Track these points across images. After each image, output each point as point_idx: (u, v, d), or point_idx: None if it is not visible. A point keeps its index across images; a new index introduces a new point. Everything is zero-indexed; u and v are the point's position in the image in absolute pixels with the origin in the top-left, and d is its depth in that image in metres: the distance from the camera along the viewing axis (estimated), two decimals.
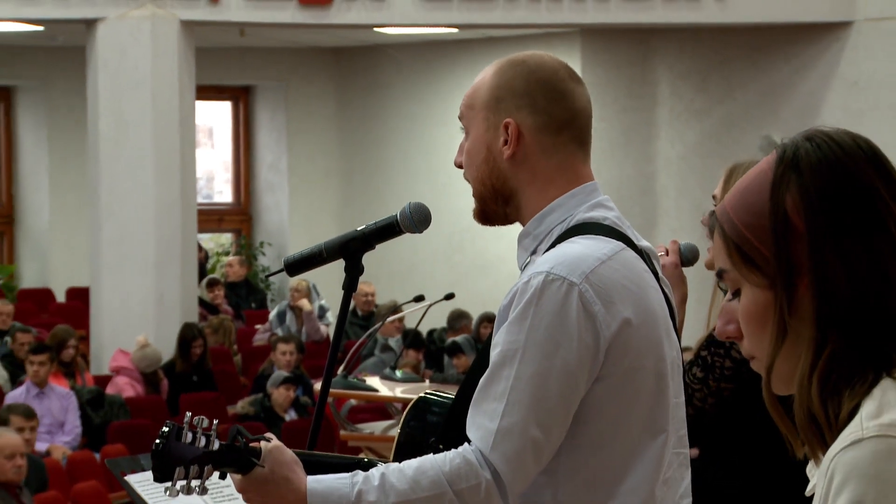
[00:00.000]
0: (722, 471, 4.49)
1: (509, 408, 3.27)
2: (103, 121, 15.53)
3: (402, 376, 10.97)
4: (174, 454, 3.31)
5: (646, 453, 3.39)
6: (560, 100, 3.47)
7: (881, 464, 2.12)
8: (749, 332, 2.30)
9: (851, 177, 2.23)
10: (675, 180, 17.97)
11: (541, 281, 3.29)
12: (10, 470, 9.55)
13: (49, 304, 19.31)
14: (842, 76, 16.75)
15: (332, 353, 3.71)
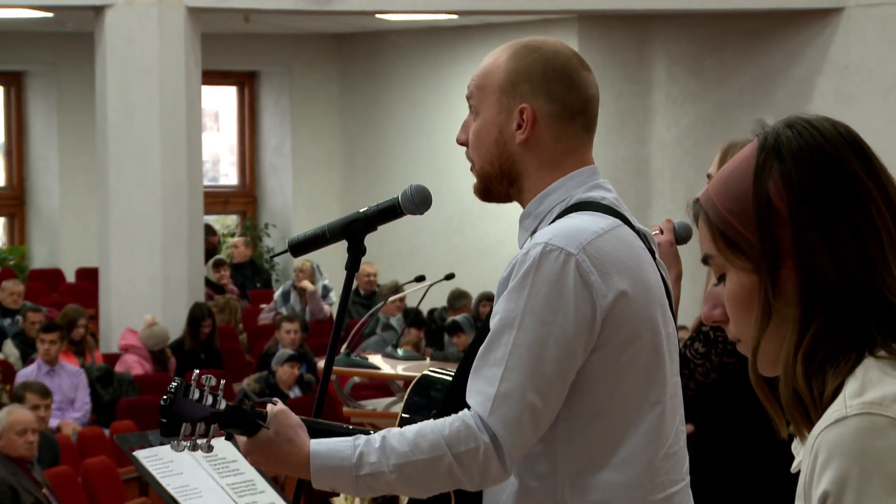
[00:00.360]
0: (724, 447, 4.49)
1: (507, 373, 3.27)
2: (111, 105, 15.53)
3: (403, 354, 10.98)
4: (181, 411, 3.32)
5: (641, 424, 3.39)
6: (575, 89, 3.48)
7: (864, 441, 2.12)
8: (735, 315, 2.31)
9: (832, 162, 2.24)
10: (669, 163, 17.98)
11: (539, 251, 3.30)
12: (22, 446, 9.57)
13: (59, 284, 19.32)
14: (833, 61, 16.74)
15: (335, 332, 3.72)
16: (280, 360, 14.46)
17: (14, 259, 19.83)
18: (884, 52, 16.37)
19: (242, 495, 4.89)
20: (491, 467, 3.27)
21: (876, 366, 2.18)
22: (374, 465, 3.28)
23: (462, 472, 3.28)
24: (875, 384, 2.16)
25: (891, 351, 2.19)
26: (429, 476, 3.30)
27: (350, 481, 3.31)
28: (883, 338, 2.19)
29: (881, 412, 2.13)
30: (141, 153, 15.47)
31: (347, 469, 3.29)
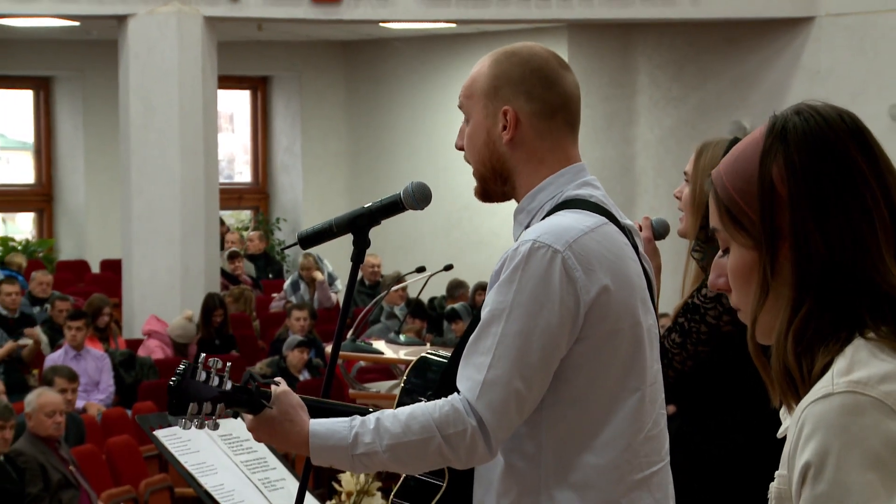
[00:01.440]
0: (701, 434, 4.47)
1: (495, 361, 3.27)
2: (133, 108, 15.54)
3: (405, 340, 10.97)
4: (188, 391, 3.31)
5: (621, 410, 3.38)
6: (553, 86, 3.47)
7: (848, 417, 2.12)
8: (736, 287, 2.30)
9: (833, 150, 2.23)
10: (653, 162, 17.98)
11: (528, 248, 3.30)
12: (51, 426, 9.56)
13: (85, 275, 19.32)
14: (804, 66, 16.75)
15: (341, 319, 3.72)
16: (290, 346, 14.47)
17: (43, 251, 19.83)
18: (852, 59, 16.38)
19: (255, 471, 4.88)
20: (477, 448, 3.27)
21: (865, 347, 2.17)
22: (368, 445, 3.28)
23: (450, 452, 3.28)
24: (863, 364, 2.15)
25: (880, 333, 2.18)
26: (419, 456, 3.30)
27: (346, 459, 3.32)
28: (873, 320, 2.18)
29: (866, 392, 2.12)
30: (161, 152, 15.48)
31: (344, 448, 3.29)
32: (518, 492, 3.39)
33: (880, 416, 2.12)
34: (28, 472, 9.25)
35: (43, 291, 15.75)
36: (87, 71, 20.09)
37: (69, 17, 16.18)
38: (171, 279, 15.54)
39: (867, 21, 16.35)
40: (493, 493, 3.42)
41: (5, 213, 21.15)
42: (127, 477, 10.84)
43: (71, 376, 11.54)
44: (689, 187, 4.59)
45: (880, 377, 2.14)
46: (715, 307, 4.44)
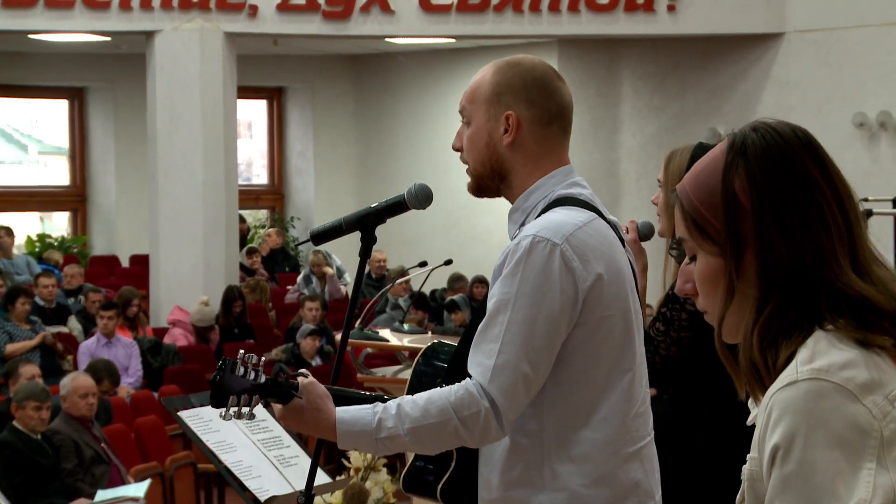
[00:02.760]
0: (686, 411, 4.46)
1: (504, 347, 3.29)
2: (160, 116, 15.55)
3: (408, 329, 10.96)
4: (229, 385, 3.34)
5: (616, 389, 3.40)
6: (551, 96, 3.49)
7: (812, 402, 2.12)
8: (703, 291, 2.31)
9: (790, 163, 2.24)
10: (635, 166, 17.98)
11: (529, 242, 3.32)
12: (84, 407, 9.56)
13: (116, 269, 19.33)
14: (774, 78, 16.74)
15: (350, 310, 3.72)
16: (304, 334, 14.47)
17: (77, 247, 19.84)
18: (818, 71, 16.38)
19: (271, 449, 4.88)
20: (490, 428, 3.29)
21: (825, 338, 2.17)
22: (391, 429, 3.30)
23: (466, 432, 3.30)
24: (823, 353, 2.15)
25: (838, 325, 2.18)
26: (438, 437, 3.32)
27: (370, 443, 3.34)
28: (831, 314, 2.19)
29: (827, 378, 2.13)
30: (185, 157, 15.48)
31: (369, 433, 3.31)
32: (523, 467, 3.40)
33: (842, 399, 2.12)
34: (63, 448, 9.24)
35: (69, 284, 15.74)
36: (118, 82, 20.08)
37: (101, 32, 16.18)
38: (194, 273, 15.55)
39: (832, 36, 16.35)
40: (499, 469, 3.44)
41: (43, 213, 21.15)
42: (153, 454, 10.84)
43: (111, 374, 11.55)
44: (663, 192, 4.63)
45: (840, 365, 2.14)
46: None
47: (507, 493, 3.42)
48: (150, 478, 9.67)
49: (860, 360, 2.16)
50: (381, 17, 15.97)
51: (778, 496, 2.14)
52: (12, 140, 21.28)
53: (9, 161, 21.12)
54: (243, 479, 4.68)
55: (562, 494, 3.37)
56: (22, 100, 20.99)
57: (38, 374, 10.28)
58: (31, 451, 8.89)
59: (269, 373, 3.38)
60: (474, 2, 16.00)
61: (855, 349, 2.17)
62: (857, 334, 2.18)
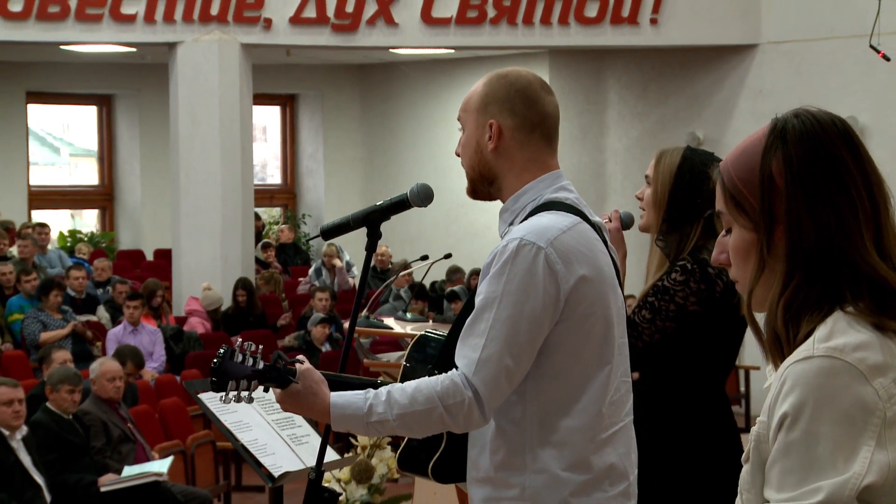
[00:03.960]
0: (664, 405, 4.44)
1: (489, 342, 3.29)
2: (182, 121, 15.55)
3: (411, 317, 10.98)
4: (228, 371, 3.34)
5: (595, 380, 3.40)
6: (533, 105, 3.48)
7: (823, 378, 2.12)
8: (735, 262, 2.31)
9: (825, 149, 2.23)
10: (620, 167, 17.97)
11: (516, 245, 3.32)
12: (112, 389, 9.57)
13: (141, 262, 19.33)
14: (749, 86, 16.74)
15: (357, 300, 3.72)
16: (314, 322, 14.48)
17: (105, 242, 19.84)
18: (790, 80, 16.37)
19: (284, 428, 4.88)
20: (473, 416, 3.30)
21: (844, 318, 2.17)
22: (380, 414, 3.30)
23: (450, 419, 3.30)
24: (840, 333, 2.15)
25: (858, 308, 2.18)
26: (424, 423, 3.32)
27: (362, 426, 3.34)
28: (852, 296, 2.19)
29: (841, 357, 2.13)
30: (205, 159, 15.49)
31: (360, 417, 3.32)
32: (507, 451, 3.40)
33: (852, 379, 2.12)
34: (93, 428, 9.25)
35: (98, 276, 15.75)
36: (143, 90, 20.08)
37: (127, 44, 16.18)
38: (213, 266, 15.56)
39: (803, 47, 16.35)
40: (486, 452, 3.44)
41: (73, 210, 21.16)
42: (176, 433, 10.85)
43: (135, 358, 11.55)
44: (651, 188, 4.57)
45: (855, 346, 2.14)
46: (683, 289, 4.41)
47: (492, 473, 3.42)
48: (173, 455, 9.68)
49: (875, 342, 2.16)
50: (386, 30, 15.98)
51: (780, 459, 2.14)
52: (46, 143, 21.29)
53: (42, 163, 21.12)
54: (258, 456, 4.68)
55: (542, 476, 3.37)
56: (54, 106, 20.99)
57: (69, 360, 10.28)
58: (63, 431, 8.90)
59: (268, 360, 3.38)
60: (472, 15, 16.00)
61: (871, 332, 2.17)
62: (874, 318, 2.17)
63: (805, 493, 2.10)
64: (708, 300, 4.37)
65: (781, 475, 2.13)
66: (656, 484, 4.17)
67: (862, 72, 15.74)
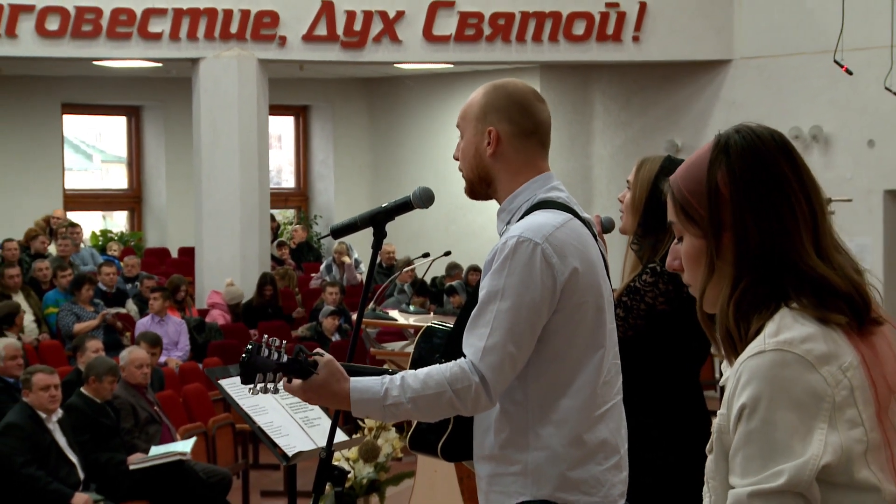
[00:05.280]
0: (634, 403, 4.41)
1: (493, 332, 3.30)
2: (204, 130, 15.57)
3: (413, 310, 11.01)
4: (256, 364, 3.33)
5: (589, 363, 3.41)
6: (528, 114, 3.49)
7: (776, 369, 2.12)
8: (688, 267, 2.31)
9: (765, 161, 2.24)
10: (605, 172, 17.97)
11: (514, 242, 3.33)
12: (140, 376, 9.56)
13: (166, 259, 19.33)
14: (723, 98, 16.74)
15: (364, 294, 3.72)
16: (325, 314, 14.47)
17: (134, 241, 19.83)
18: (760, 92, 16.38)
19: (297, 412, 4.87)
20: (480, 399, 3.30)
21: (790, 314, 2.17)
22: (395, 398, 3.30)
23: (460, 403, 3.31)
24: (788, 328, 2.15)
25: (801, 304, 2.18)
26: (435, 406, 3.32)
27: (379, 410, 3.34)
28: (796, 294, 2.19)
29: (790, 349, 2.13)
30: (225, 164, 15.49)
31: (377, 401, 3.32)
32: (510, 430, 3.41)
33: (802, 369, 2.12)
34: (122, 411, 9.25)
35: (127, 272, 15.76)
36: (168, 101, 20.07)
37: (154, 59, 16.18)
38: (233, 262, 15.58)
39: (772, 63, 16.35)
40: (491, 431, 3.45)
41: (105, 212, 21.14)
42: (198, 415, 10.85)
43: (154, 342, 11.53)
44: (631, 193, 4.56)
45: (802, 338, 2.15)
46: (653, 290, 4.41)
47: (497, 451, 3.43)
48: (196, 436, 9.67)
49: (819, 334, 2.16)
50: (391, 47, 15.99)
51: (742, 448, 2.14)
52: (79, 150, 21.28)
53: (76, 168, 21.11)
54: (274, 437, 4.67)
55: (543, 453, 3.38)
56: (87, 116, 20.98)
57: (101, 349, 10.27)
58: (95, 414, 8.89)
59: (290, 353, 3.37)
60: (469, 33, 16.04)
61: (815, 325, 2.17)
62: (817, 312, 2.18)
63: (768, 476, 2.10)
64: (676, 300, 4.36)
65: (745, 462, 2.12)
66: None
67: (826, 85, 15.74)
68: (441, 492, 6.99)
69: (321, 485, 3.73)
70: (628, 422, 3.56)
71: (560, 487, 3.37)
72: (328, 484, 3.77)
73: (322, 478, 3.72)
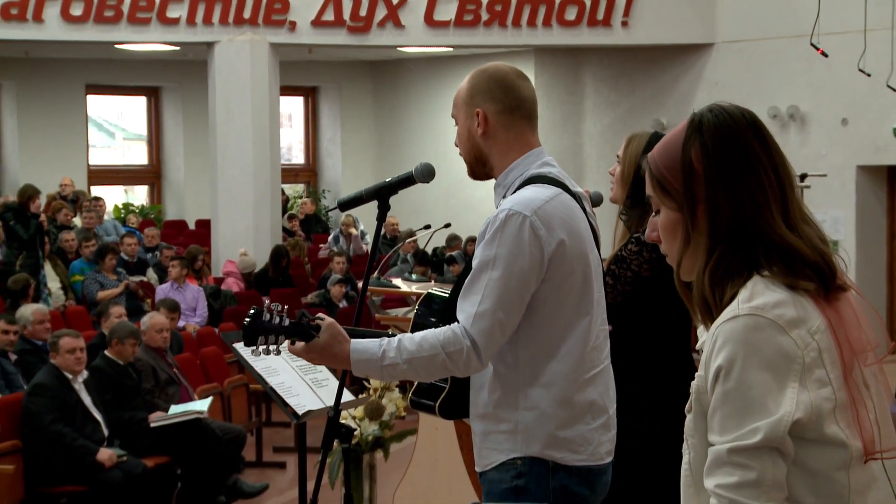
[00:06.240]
0: (619, 368, 4.40)
1: (484, 299, 3.30)
2: (219, 109, 15.54)
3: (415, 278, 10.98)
4: (258, 328, 3.31)
5: (576, 329, 3.41)
6: (510, 91, 3.49)
7: (749, 333, 2.13)
8: (665, 238, 2.32)
9: (736, 138, 2.24)
10: (595, 149, 17.94)
11: (505, 215, 3.33)
12: (160, 339, 9.58)
13: (184, 231, 19.33)
14: (706, 79, 16.71)
15: (369, 263, 3.72)
16: (333, 282, 14.48)
17: (153, 214, 19.84)
18: (741, 74, 16.35)
19: (307, 373, 4.88)
20: (472, 361, 3.30)
21: (761, 282, 2.18)
22: (392, 359, 3.31)
23: (452, 365, 3.31)
24: (760, 294, 2.16)
25: (772, 272, 2.19)
26: (429, 367, 3.32)
27: (377, 370, 3.34)
28: (767, 262, 2.20)
29: (762, 314, 2.14)
30: (239, 142, 15.48)
31: (375, 361, 3.32)
32: (502, 391, 3.42)
33: (773, 332, 2.13)
34: (144, 373, 9.26)
35: (148, 242, 15.77)
36: (185, 83, 20.03)
37: (172, 43, 16.15)
38: (246, 234, 15.58)
39: (752, 46, 16.31)
40: (485, 392, 3.45)
41: (126, 186, 21.13)
42: (215, 376, 10.87)
43: (173, 307, 11.54)
44: (620, 167, 4.57)
45: (773, 304, 2.16)
46: (637, 258, 4.41)
47: (490, 410, 3.44)
48: (212, 396, 9.70)
49: (789, 300, 2.17)
50: (394, 31, 15.95)
51: (719, 407, 2.15)
52: (102, 129, 21.25)
53: (100, 146, 21.09)
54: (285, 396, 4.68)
55: (533, 413, 3.39)
56: (110, 97, 20.94)
57: (123, 314, 10.28)
58: (118, 375, 8.91)
59: (293, 317, 3.36)
60: (468, 18, 16.01)
61: (785, 291, 2.17)
62: (786, 279, 2.18)
63: (745, 433, 2.11)
64: (659, 267, 4.36)
65: (722, 420, 2.13)
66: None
67: (803, 67, 15.70)
68: (441, 448, 7.01)
69: (329, 441, 3.74)
70: (615, 387, 3.56)
71: (548, 445, 3.38)
72: (336, 440, 3.78)
73: (330, 435, 3.73)
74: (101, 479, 8.13)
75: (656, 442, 4.30)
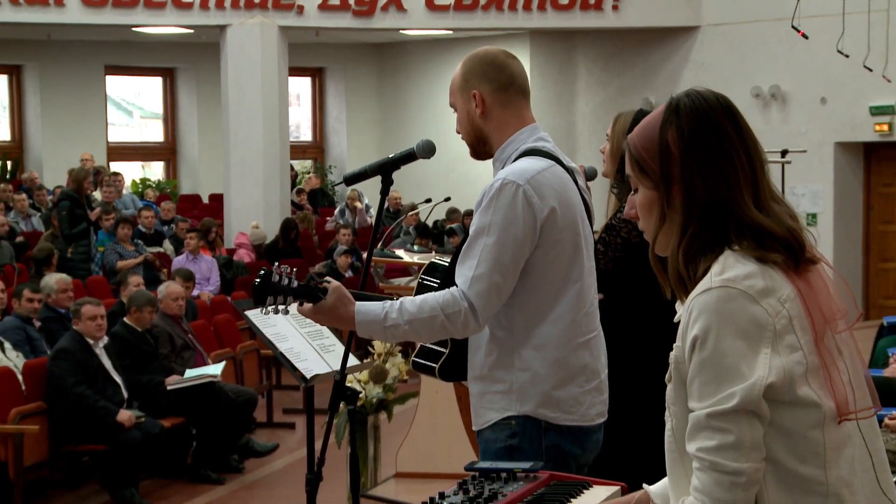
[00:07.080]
0: (609, 336, 4.38)
1: (480, 263, 3.30)
2: (231, 89, 15.52)
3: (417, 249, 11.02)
4: (267, 288, 3.30)
5: (567, 294, 3.41)
6: (501, 70, 3.50)
7: (722, 304, 2.14)
8: (642, 216, 2.32)
9: (711, 121, 2.24)
10: (587, 127, 17.92)
11: (500, 184, 3.35)
12: (176, 307, 9.58)
13: (199, 204, 19.30)
14: (692, 61, 16.66)
15: (373, 235, 3.72)
16: (339, 253, 14.47)
17: (169, 188, 19.82)
18: (725, 55, 16.31)
19: (315, 339, 4.89)
20: (469, 323, 3.31)
21: (732, 256, 2.19)
22: (394, 320, 3.31)
23: (451, 325, 3.31)
24: (731, 268, 2.17)
25: (742, 246, 2.20)
26: (429, 328, 3.32)
27: (380, 331, 3.34)
28: (738, 238, 2.20)
29: (734, 286, 2.15)
30: (250, 120, 15.46)
31: (379, 322, 3.32)
32: (498, 353, 3.43)
33: (745, 302, 2.14)
34: (160, 338, 9.27)
35: (164, 215, 15.77)
36: (199, 64, 19.98)
37: (186, 26, 16.11)
38: (257, 207, 15.60)
39: (736, 29, 16.26)
40: (481, 353, 3.46)
41: (144, 162, 21.10)
42: (227, 342, 10.88)
43: (187, 277, 11.54)
44: (609, 143, 4.60)
45: (744, 276, 2.16)
46: (627, 226, 4.44)
47: (486, 372, 3.45)
48: (225, 360, 9.71)
49: (758, 272, 2.17)
50: (397, 14, 15.92)
51: (697, 375, 2.15)
52: (121, 108, 21.21)
53: (119, 124, 21.05)
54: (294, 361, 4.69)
55: (526, 374, 3.40)
56: (127, 77, 20.88)
57: (141, 283, 10.29)
58: (136, 340, 8.92)
59: (302, 280, 3.36)
60: (467, 2, 15.99)
61: (755, 264, 2.18)
62: (756, 253, 2.19)
63: (722, 398, 2.12)
64: None
65: (700, 387, 2.14)
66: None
67: (784, 48, 15.66)
68: (441, 409, 7.04)
69: (336, 403, 3.75)
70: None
71: (542, 405, 3.39)
72: (342, 403, 3.79)
73: (337, 397, 3.74)
74: (120, 439, 8.15)
75: (644, 411, 4.29)
